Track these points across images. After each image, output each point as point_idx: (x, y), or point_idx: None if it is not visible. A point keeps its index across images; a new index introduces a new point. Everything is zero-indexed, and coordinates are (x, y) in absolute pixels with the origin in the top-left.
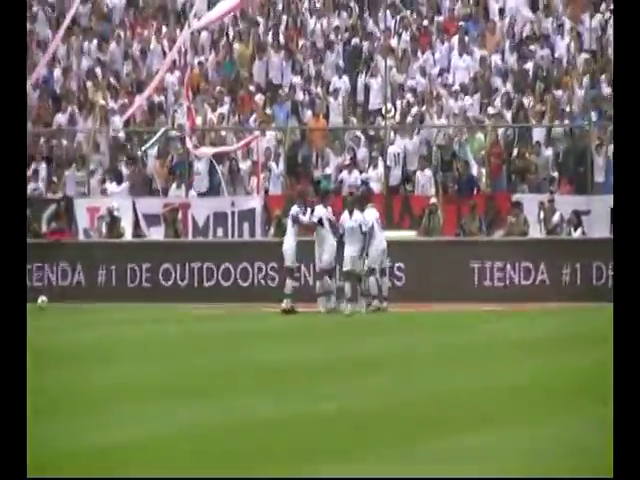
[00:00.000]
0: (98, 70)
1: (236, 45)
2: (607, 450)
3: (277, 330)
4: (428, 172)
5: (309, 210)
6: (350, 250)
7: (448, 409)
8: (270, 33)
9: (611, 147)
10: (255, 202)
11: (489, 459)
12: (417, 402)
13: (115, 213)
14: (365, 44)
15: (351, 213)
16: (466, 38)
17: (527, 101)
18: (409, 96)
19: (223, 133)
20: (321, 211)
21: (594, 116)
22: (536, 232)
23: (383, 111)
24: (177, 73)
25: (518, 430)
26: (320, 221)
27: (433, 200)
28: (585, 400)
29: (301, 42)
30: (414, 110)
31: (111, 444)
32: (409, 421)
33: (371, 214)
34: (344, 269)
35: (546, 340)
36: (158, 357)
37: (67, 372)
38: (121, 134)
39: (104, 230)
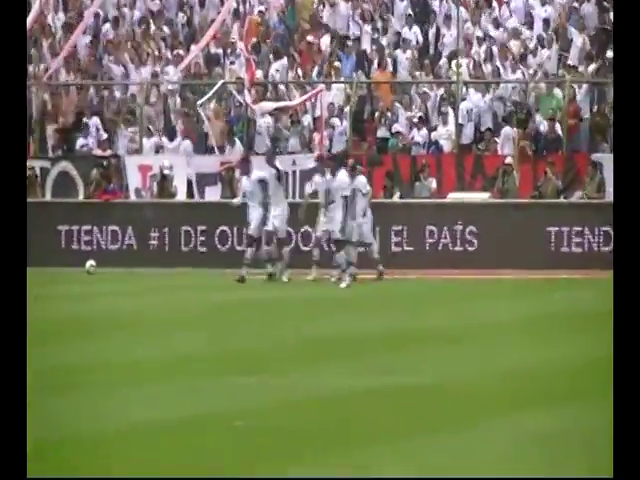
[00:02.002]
0: (151, 19)
1: None
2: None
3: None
4: (508, 129)
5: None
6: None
7: (511, 385)
8: None
9: None
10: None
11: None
12: (481, 377)
13: (166, 172)
14: None
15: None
16: None
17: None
18: (483, 49)
19: (283, 87)
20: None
21: None
22: None
23: (454, 65)
24: (236, 22)
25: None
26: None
27: (508, 160)
28: None
29: None
30: (488, 65)
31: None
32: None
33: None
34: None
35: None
36: (214, 325)
37: (115, 340)
38: (175, 87)
39: (155, 190)
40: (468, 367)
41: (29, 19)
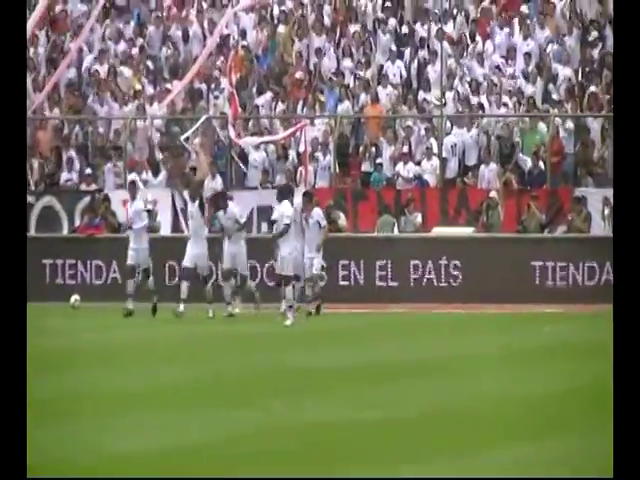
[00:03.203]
0: (135, 54)
1: (280, 28)
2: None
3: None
4: (493, 166)
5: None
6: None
7: (501, 415)
8: (315, 14)
9: None
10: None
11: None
12: (465, 409)
13: (149, 206)
14: (419, 27)
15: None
16: (527, 22)
17: (594, 89)
18: (466, 85)
19: (266, 121)
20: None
21: None
22: (600, 229)
23: (437, 100)
24: (219, 57)
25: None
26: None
27: (492, 194)
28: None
29: (352, 27)
30: (473, 99)
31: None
32: (450, 431)
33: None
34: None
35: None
36: (197, 359)
37: (100, 373)
38: (159, 122)
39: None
40: (454, 399)
41: None
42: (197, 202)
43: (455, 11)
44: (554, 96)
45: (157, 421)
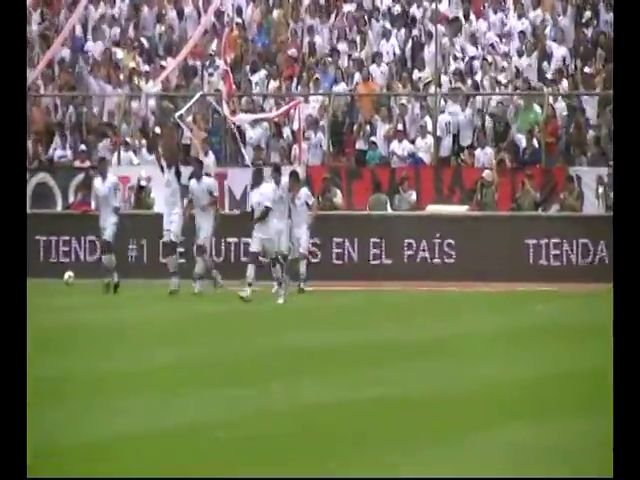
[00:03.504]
0: (130, 33)
1: (275, 11)
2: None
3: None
4: (488, 149)
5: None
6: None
7: (484, 401)
8: None
9: None
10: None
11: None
12: (456, 392)
13: (143, 183)
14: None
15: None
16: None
17: (587, 70)
18: (461, 63)
19: (260, 99)
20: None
21: None
22: (594, 208)
23: (429, 77)
24: (214, 35)
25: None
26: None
27: (487, 173)
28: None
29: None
30: (467, 78)
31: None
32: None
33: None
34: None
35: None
36: (193, 336)
37: (93, 353)
38: (153, 100)
39: (132, 201)
40: (451, 380)
41: None
42: (173, 169)
43: None
44: (548, 75)
45: (156, 401)
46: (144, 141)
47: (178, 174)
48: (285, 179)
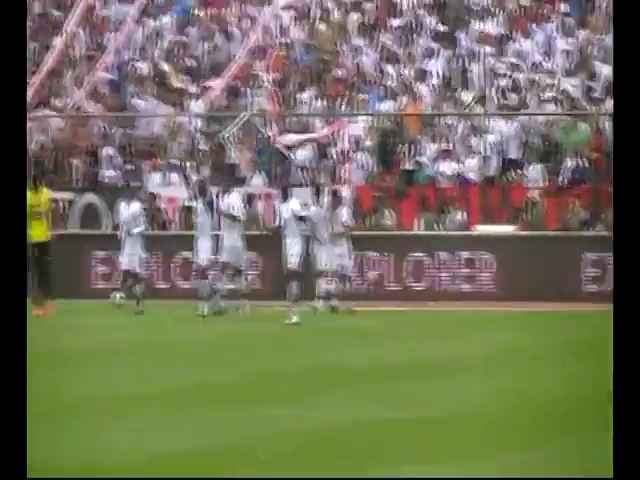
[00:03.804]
0: (176, 52)
1: (321, 26)
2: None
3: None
4: (537, 166)
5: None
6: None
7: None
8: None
9: None
10: (345, 193)
11: None
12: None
13: (187, 203)
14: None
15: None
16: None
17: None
18: (507, 82)
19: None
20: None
21: None
22: None
23: (477, 98)
24: (260, 55)
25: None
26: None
27: (534, 193)
28: None
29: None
30: (513, 97)
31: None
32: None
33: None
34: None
35: None
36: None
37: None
38: (200, 120)
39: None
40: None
41: (55, 53)
42: (204, 199)
43: (494, 10)
44: (595, 94)
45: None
46: (191, 162)
47: (210, 204)
48: (327, 198)
